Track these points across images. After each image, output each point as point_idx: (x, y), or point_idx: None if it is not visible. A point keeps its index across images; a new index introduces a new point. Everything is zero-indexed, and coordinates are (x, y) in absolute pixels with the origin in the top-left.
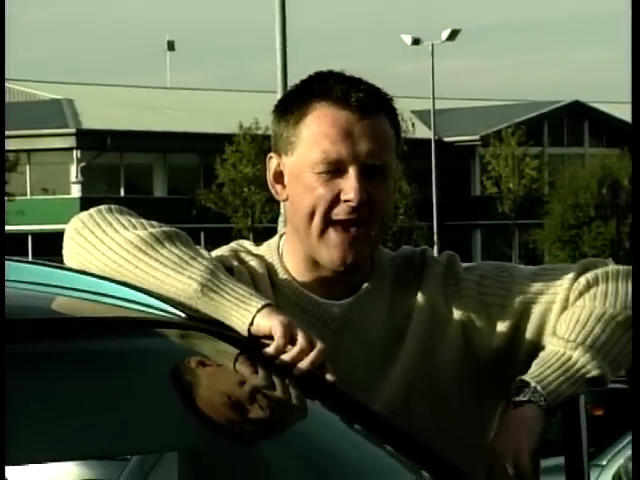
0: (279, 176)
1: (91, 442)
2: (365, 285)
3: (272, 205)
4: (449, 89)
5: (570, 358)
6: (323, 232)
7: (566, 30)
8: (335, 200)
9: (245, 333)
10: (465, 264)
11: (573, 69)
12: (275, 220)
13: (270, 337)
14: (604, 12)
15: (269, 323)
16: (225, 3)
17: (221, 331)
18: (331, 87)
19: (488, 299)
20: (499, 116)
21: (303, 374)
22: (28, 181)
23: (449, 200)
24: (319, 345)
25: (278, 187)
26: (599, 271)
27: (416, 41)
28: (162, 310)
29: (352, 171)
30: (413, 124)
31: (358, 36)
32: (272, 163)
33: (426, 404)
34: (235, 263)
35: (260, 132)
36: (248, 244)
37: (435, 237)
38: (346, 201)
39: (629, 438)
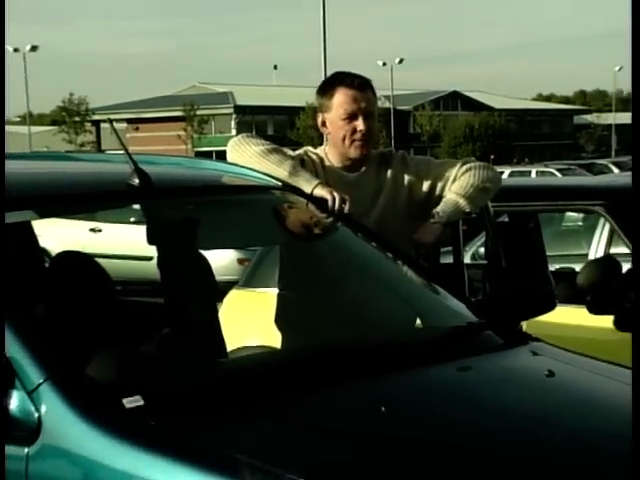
0: (324, 122)
1: (240, 238)
2: (365, 165)
3: (321, 138)
4: (400, 85)
5: (457, 202)
6: (350, 145)
7: (454, 61)
8: (353, 131)
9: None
10: (410, 156)
11: (454, 74)
12: (321, 144)
13: (321, 199)
14: (475, 49)
15: (322, 192)
16: (297, 46)
17: (299, 192)
18: (344, 79)
19: (420, 172)
20: (421, 98)
21: (341, 212)
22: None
23: (398, 136)
24: (346, 197)
25: (324, 129)
26: (473, 163)
27: (384, 64)
28: (272, 183)
29: (360, 117)
30: (385, 102)
31: (356, 62)
32: (320, 117)
33: (391, 224)
34: (305, 158)
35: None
36: (311, 148)
37: None
38: (360, 131)
39: (477, 238)
